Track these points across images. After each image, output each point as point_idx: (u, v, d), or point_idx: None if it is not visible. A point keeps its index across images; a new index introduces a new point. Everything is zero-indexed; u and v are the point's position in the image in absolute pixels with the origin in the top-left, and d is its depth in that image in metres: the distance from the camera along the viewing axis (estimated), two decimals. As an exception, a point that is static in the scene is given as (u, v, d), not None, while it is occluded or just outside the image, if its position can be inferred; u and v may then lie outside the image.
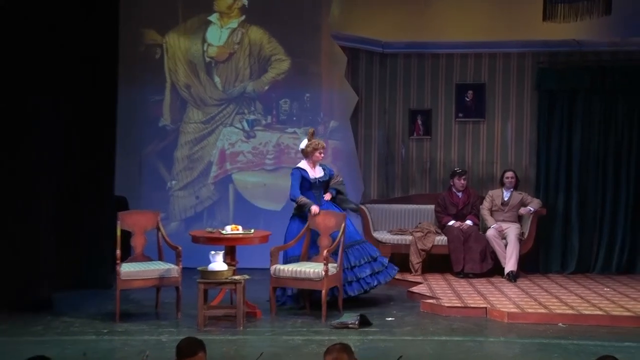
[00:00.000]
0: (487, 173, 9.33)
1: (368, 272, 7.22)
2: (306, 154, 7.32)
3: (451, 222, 8.82)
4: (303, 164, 7.34)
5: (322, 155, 7.35)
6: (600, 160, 9.00)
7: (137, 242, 7.02)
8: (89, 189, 7.80)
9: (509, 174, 8.89)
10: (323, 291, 6.64)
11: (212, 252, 6.41)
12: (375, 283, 7.29)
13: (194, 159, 9.52)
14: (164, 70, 9.46)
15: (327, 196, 7.45)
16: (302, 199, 7.19)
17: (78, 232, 7.69)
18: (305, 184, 7.28)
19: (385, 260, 7.48)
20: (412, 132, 9.48)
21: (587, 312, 6.79)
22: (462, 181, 8.90)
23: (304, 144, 7.35)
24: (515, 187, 8.89)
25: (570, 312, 6.82)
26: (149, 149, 9.48)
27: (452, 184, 8.98)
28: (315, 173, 7.33)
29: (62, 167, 7.50)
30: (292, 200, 7.26)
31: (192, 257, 7.37)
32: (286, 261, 7.14)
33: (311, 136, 7.36)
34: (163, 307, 7.04)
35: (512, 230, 8.56)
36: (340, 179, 7.66)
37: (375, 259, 7.34)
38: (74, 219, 7.65)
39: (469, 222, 8.79)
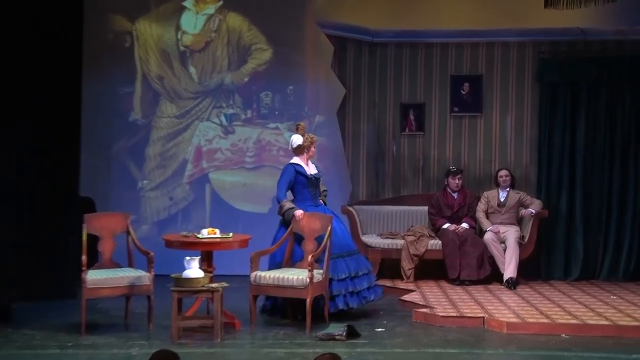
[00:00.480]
0: (485, 172, 9.35)
1: (365, 285, 7.24)
2: (301, 150, 7.29)
3: (446, 225, 8.83)
4: (297, 160, 7.31)
5: (315, 149, 7.36)
6: (605, 158, 9.05)
7: (105, 247, 6.98)
8: (50, 190, 7.73)
9: (503, 172, 8.92)
10: (308, 300, 6.62)
11: (187, 258, 6.38)
12: (372, 297, 7.33)
13: (168, 157, 9.48)
14: (134, 60, 9.41)
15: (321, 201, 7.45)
16: (287, 204, 7.16)
17: (40, 237, 7.62)
18: (301, 181, 7.25)
19: (374, 277, 7.49)
20: (404, 128, 9.48)
21: (592, 322, 6.82)
22: (458, 181, 8.92)
23: (299, 139, 7.29)
24: (512, 186, 8.92)
25: (574, 321, 6.85)
26: (117, 145, 9.44)
27: (446, 183, 9.00)
28: (310, 169, 7.32)
29: (21, 167, 7.41)
30: (278, 202, 7.24)
31: (165, 263, 7.31)
32: (273, 267, 7.11)
33: (303, 130, 7.33)
34: (133, 318, 7.00)
35: (511, 234, 8.58)
36: (325, 188, 7.60)
37: (369, 272, 7.37)
38: (35, 223, 7.59)
39: (465, 225, 8.80)
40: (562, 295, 8.08)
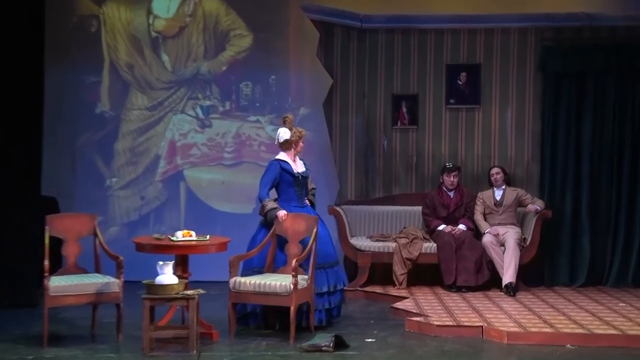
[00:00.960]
0: (483, 169, 9.36)
1: (337, 301, 7.26)
2: (289, 145, 7.27)
3: (441, 227, 8.83)
4: (284, 156, 7.28)
5: (303, 144, 7.34)
6: (614, 153, 9.08)
7: (70, 251, 6.93)
8: (9, 188, 7.68)
9: (494, 170, 8.97)
10: (292, 308, 6.60)
11: (160, 263, 6.35)
12: (338, 313, 7.34)
13: (138, 152, 9.45)
14: (102, 47, 9.38)
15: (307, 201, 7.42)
16: (269, 203, 7.14)
17: (-3, 240, 7.60)
18: (287, 179, 7.22)
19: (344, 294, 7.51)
20: (396, 121, 9.48)
21: (599, 332, 6.84)
22: (454, 178, 8.93)
23: (286, 133, 7.25)
24: (507, 183, 8.94)
25: (580, 331, 6.87)
26: (83, 140, 9.40)
27: (442, 181, 9.00)
28: (297, 167, 7.29)
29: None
30: (260, 201, 7.21)
31: (136, 268, 7.28)
32: (249, 273, 7.08)
33: (290, 123, 7.30)
34: (101, 328, 6.96)
35: (510, 235, 8.60)
36: (313, 186, 7.59)
37: (344, 287, 7.37)
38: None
39: (462, 227, 8.81)
40: (567, 302, 8.10)
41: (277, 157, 7.30)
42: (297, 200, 7.26)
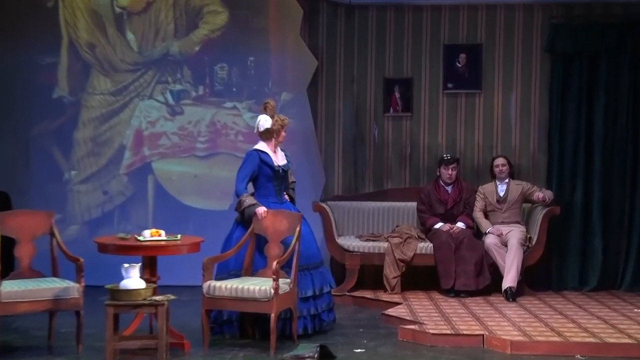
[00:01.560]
0: (484, 161, 9.38)
1: (325, 305, 7.26)
2: (270, 134, 7.25)
3: (438, 225, 8.85)
4: (263, 147, 7.27)
5: (285, 134, 7.33)
6: (629, 142, 9.12)
7: (23, 253, 6.91)
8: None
9: (499, 161, 8.98)
10: (272, 315, 6.60)
11: (126, 265, 6.33)
12: (332, 319, 7.35)
13: (101, 142, 9.42)
14: (59, 24, 9.33)
15: (286, 197, 7.41)
16: (247, 199, 7.12)
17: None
18: (266, 173, 7.21)
19: (332, 297, 7.51)
20: (388, 108, 9.49)
21: (612, 340, 6.87)
22: (452, 171, 8.94)
23: (267, 121, 7.24)
24: (512, 177, 8.96)
25: (591, 340, 6.90)
26: (39, 128, 9.37)
27: (439, 174, 9.02)
28: (278, 159, 7.28)
29: None
30: (237, 196, 7.20)
31: (98, 272, 7.29)
32: (225, 276, 7.07)
33: (272, 110, 7.28)
34: (59, 339, 6.94)
35: (514, 234, 8.63)
36: (293, 180, 7.56)
37: (331, 290, 7.37)
38: None
39: (460, 225, 8.83)
40: (576, 308, 8.14)
41: (256, 147, 7.28)
42: (275, 195, 7.26)
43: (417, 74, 9.45)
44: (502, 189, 8.94)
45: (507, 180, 8.94)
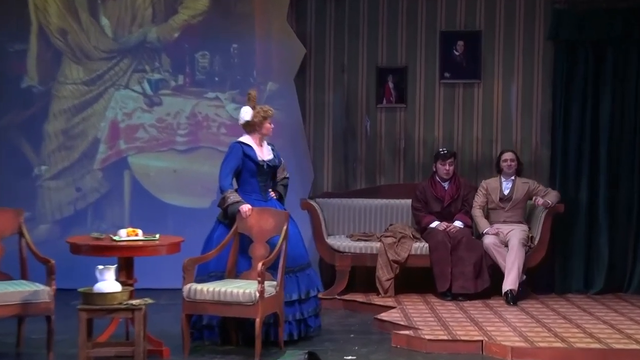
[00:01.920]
0: (484, 155, 9.40)
1: (311, 310, 7.26)
2: (252, 126, 7.25)
3: (434, 224, 8.86)
4: (247, 140, 7.27)
5: (272, 126, 7.30)
6: (637, 136, 9.15)
7: (-10, 254, 6.88)
8: None
9: (508, 155, 8.97)
10: (257, 320, 6.60)
11: (100, 267, 6.31)
12: (318, 325, 7.34)
13: (73, 135, 9.40)
14: (28, 9, 9.30)
15: (272, 194, 7.38)
16: (231, 195, 7.12)
17: None
18: (250, 168, 7.20)
19: (319, 301, 7.51)
20: (381, 99, 9.49)
21: (619, 347, 6.88)
22: (449, 167, 8.95)
23: (247, 113, 7.23)
24: (519, 174, 8.97)
25: (597, 346, 6.91)
26: (6, 120, 9.35)
27: (435, 170, 9.02)
28: (264, 154, 7.27)
29: None
30: (221, 192, 7.21)
31: (71, 274, 7.27)
32: (206, 279, 7.06)
33: (254, 101, 7.28)
34: (28, 346, 6.91)
35: (515, 234, 8.64)
36: (286, 175, 7.52)
37: (318, 293, 7.37)
38: None
39: (458, 224, 8.84)
40: (581, 312, 8.16)
41: (240, 139, 7.28)
42: (259, 192, 7.26)
43: (412, 63, 9.45)
44: (507, 187, 8.93)
45: (513, 178, 8.94)
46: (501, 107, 9.43)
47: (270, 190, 7.38)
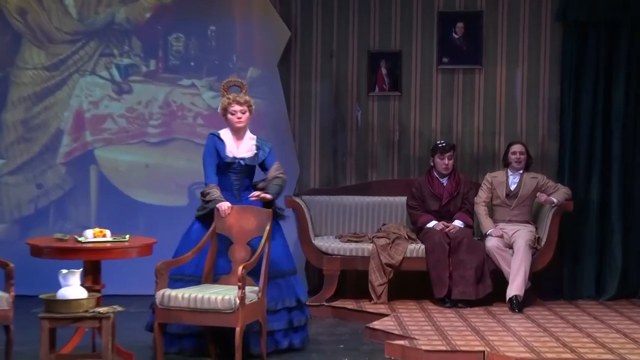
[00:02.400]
0: (486, 148, 9.42)
1: (283, 324, 7.22)
2: (225, 117, 7.29)
3: (432, 224, 8.87)
4: (224, 133, 7.29)
5: (242, 118, 7.26)
6: (654, 128, 9.22)
7: (-58, 257, 6.84)
8: None
9: (517, 147, 8.98)
10: (237, 329, 6.59)
11: (64, 271, 6.29)
12: (286, 345, 7.24)
13: (34, 126, 9.39)
14: (-16, -13, 9.31)
15: (256, 195, 7.23)
16: (213, 190, 7.13)
17: None
18: (220, 163, 7.23)
19: (308, 312, 7.45)
20: (373, 87, 9.49)
21: (633, 357, 6.90)
22: (448, 161, 8.95)
23: (219, 104, 7.35)
24: (527, 168, 8.98)
25: (609, 356, 6.93)
26: (-40, 109, 9.34)
27: (433, 164, 9.03)
28: (239, 149, 7.26)
29: None
30: (205, 185, 7.25)
31: (31, 279, 7.24)
32: (181, 284, 7.06)
33: (225, 88, 7.30)
34: (-15, 358, 6.88)
35: (521, 235, 8.65)
36: (281, 176, 7.37)
37: (299, 306, 7.32)
38: None
39: (458, 223, 8.85)
40: (592, 320, 8.18)
41: (220, 131, 7.31)
42: (230, 191, 7.26)
43: (406, 47, 9.47)
44: (513, 182, 8.94)
45: (520, 172, 8.94)
46: (505, 95, 9.45)
47: (252, 190, 7.32)
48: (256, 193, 7.23)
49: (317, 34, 9.47)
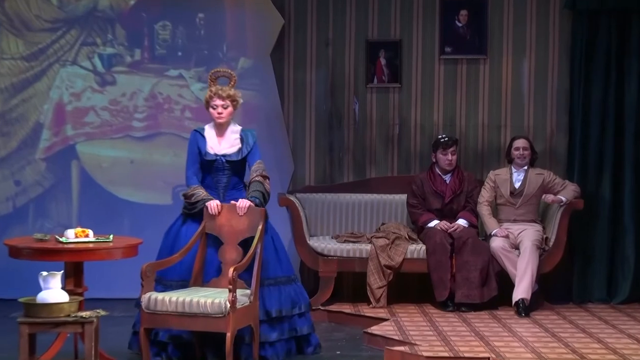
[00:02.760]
0: (491, 143, 9.44)
1: (305, 327, 7.27)
2: (208, 110, 7.31)
3: (433, 223, 8.89)
4: (208, 129, 7.32)
5: (223, 113, 7.24)
6: (667, 120, 9.24)
7: None
8: None
9: (520, 142, 8.99)
10: (228, 335, 6.61)
11: (44, 274, 6.30)
12: (311, 350, 7.32)
13: (11, 119, 9.40)
14: (-42, -29, 9.31)
15: (242, 204, 7.16)
16: (197, 190, 7.15)
17: None
18: (202, 160, 7.24)
19: (310, 320, 7.45)
20: (372, 78, 9.51)
21: (647, 363, 6.96)
22: (451, 156, 8.97)
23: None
24: (532, 164, 9.00)
25: (622, 362, 6.98)
26: None
27: (435, 160, 9.05)
28: (220, 146, 7.27)
29: None
30: (187, 187, 7.26)
31: (10, 281, 7.26)
32: (168, 287, 7.08)
33: (213, 79, 7.30)
34: (-39, 365, 6.90)
35: (527, 235, 8.67)
36: (257, 179, 7.30)
37: (307, 311, 7.35)
38: None
39: (462, 223, 8.87)
40: (604, 325, 8.20)
41: (205, 126, 7.34)
42: (216, 189, 7.28)
43: (407, 36, 9.48)
44: (518, 179, 8.95)
45: (525, 168, 8.96)
46: (511, 87, 9.46)
47: (240, 189, 7.33)
48: (240, 205, 7.08)
49: (312, 22, 9.47)
